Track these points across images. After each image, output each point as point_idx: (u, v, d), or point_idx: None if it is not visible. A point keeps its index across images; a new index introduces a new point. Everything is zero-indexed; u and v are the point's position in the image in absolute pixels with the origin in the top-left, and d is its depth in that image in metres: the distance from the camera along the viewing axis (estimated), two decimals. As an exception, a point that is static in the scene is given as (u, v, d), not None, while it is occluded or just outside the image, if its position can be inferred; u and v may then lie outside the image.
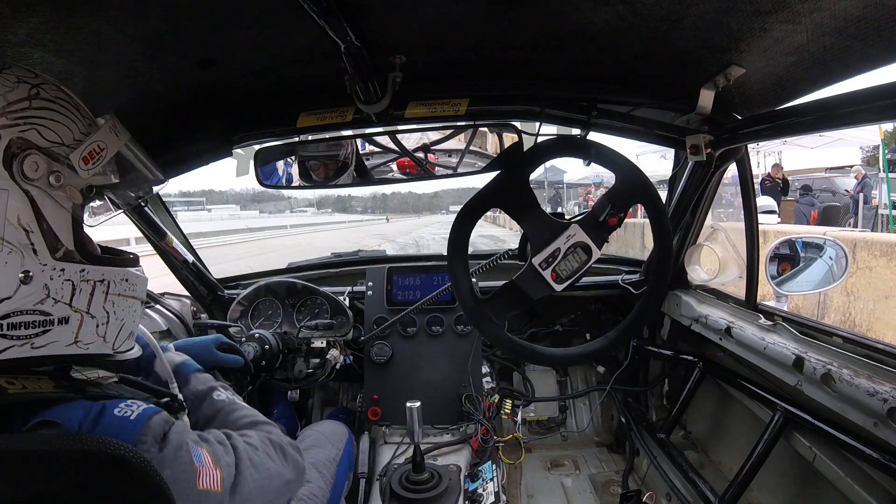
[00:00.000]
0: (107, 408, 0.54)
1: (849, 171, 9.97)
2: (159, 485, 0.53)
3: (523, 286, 1.05)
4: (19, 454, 0.45)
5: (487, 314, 1.06)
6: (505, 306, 1.07)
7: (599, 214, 1.04)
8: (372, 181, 1.38)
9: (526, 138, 1.26)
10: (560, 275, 1.04)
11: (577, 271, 1.04)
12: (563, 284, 1.05)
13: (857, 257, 4.11)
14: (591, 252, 1.04)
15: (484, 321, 1.07)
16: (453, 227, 1.08)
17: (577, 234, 1.03)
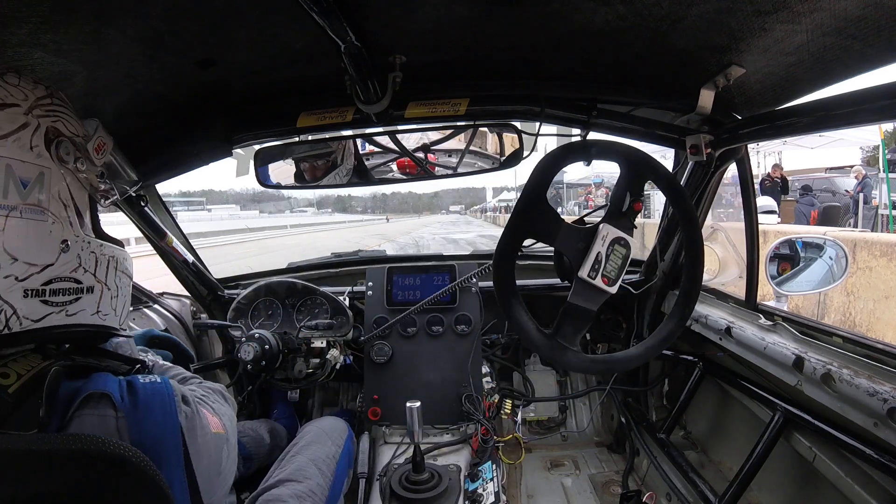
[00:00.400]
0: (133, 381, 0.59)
1: (849, 171, 9.97)
2: (158, 483, 0.53)
3: (580, 303, 1.02)
4: (19, 454, 0.45)
5: (562, 346, 1.03)
6: (573, 331, 1.04)
7: (621, 204, 1.03)
8: (372, 181, 1.39)
9: (526, 138, 1.26)
10: (610, 276, 1.02)
11: (623, 266, 1.03)
12: (616, 284, 1.02)
13: (857, 257, 4.11)
14: (628, 243, 1.03)
15: (562, 354, 1.03)
16: (496, 275, 1.02)
17: (609, 231, 1.01)
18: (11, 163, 0.51)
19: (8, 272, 0.51)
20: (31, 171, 0.53)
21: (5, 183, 0.50)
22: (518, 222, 0.98)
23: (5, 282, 0.51)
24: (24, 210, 0.52)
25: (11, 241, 0.51)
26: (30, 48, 0.72)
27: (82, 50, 0.76)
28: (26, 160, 0.53)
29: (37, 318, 0.54)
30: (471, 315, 1.73)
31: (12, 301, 0.52)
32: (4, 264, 0.51)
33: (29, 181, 0.53)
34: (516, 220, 0.98)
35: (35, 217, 0.53)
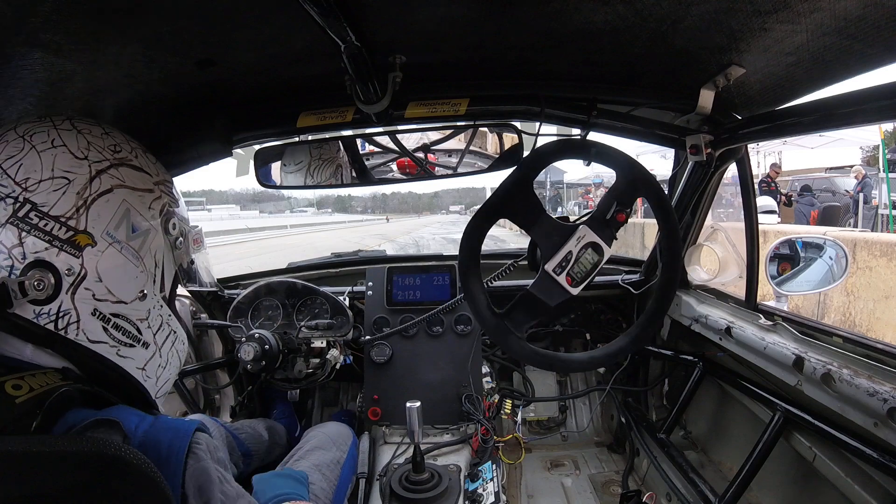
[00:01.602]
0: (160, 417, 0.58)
1: (849, 171, 9.98)
2: (159, 484, 0.53)
3: (539, 294, 1.03)
4: (18, 455, 0.45)
5: (508, 328, 1.04)
6: (524, 317, 1.05)
7: (606, 212, 1.04)
8: (372, 181, 1.39)
9: (526, 138, 1.26)
10: (575, 277, 1.03)
11: (591, 272, 1.04)
12: (579, 287, 1.03)
13: (857, 257, 4.11)
14: (603, 251, 1.04)
15: (505, 336, 1.05)
16: (462, 244, 1.04)
17: (586, 234, 1.02)
18: (131, 209, 0.61)
19: (89, 286, 0.56)
20: (142, 223, 0.62)
21: (120, 221, 0.59)
22: (499, 200, 0.99)
23: (84, 292, 0.56)
24: (125, 247, 0.59)
25: (105, 265, 0.57)
26: (30, 48, 0.72)
27: (82, 50, 0.76)
28: (142, 214, 0.62)
29: (92, 338, 0.57)
30: (471, 315, 1.73)
31: (81, 311, 0.56)
32: (90, 279, 0.56)
33: (138, 229, 0.61)
34: (498, 197, 0.99)
35: (130, 258, 0.60)
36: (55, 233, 0.53)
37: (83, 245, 0.55)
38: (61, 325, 0.55)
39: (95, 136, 0.61)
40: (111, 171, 0.59)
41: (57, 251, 0.54)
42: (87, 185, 0.56)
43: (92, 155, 0.58)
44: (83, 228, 0.55)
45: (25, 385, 0.51)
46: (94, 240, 0.56)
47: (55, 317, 0.54)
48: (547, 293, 1.03)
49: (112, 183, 0.59)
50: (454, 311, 1.74)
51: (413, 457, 1.27)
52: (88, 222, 0.56)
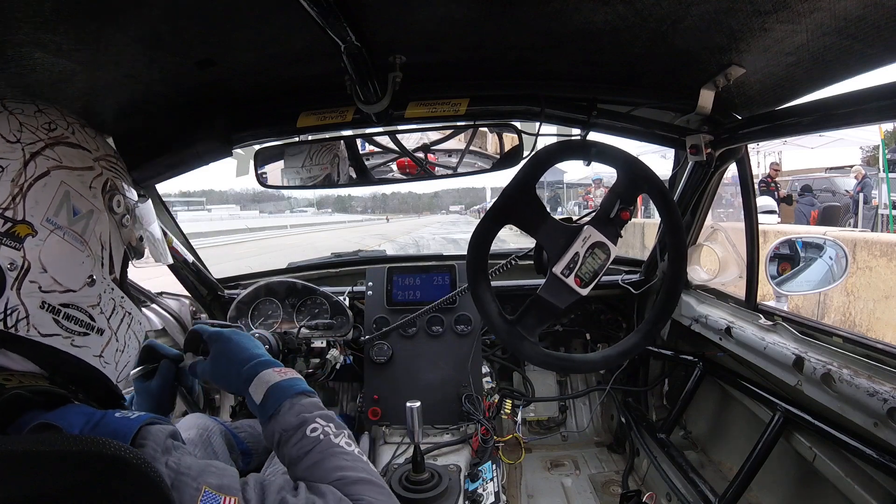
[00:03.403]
0: (108, 415, 0.55)
1: (849, 171, 9.98)
2: (158, 484, 0.53)
3: (549, 297, 1.03)
4: (17, 455, 0.45)
5: (521, 334, 1.04)
6: (536, 322, 1.05)
7: (610, 211, 1.04)
8: (372, 181, 1.38)
9: (526, 138, 1.26)
10: (583, 278, 1.02)
11: (599, 271, 1.03)
12: (588, 287, 1.03)
13: (857, 257, 4.11)
14: (609, 250, 1.03)
15: (519, 342, 1.04)
16: (470, 253, 1.03)
17: (592, 234, 1.02)
18: (70, 191, 0.57)
19: (34, 279, 0.54)
20: (84, 204, 0.59)
21: (60, 205, 0.56)
22: (503, 206, 0.99)
23: (29, 286, 0.54)
24: (67, 232, 0.57)
25: (48, 254, 0.55)
26: (30, 48, 0.72)
27: (82, 50, 0.76)
28: (83, 195, 0.59)
29: (44, 332, 0.56)
30: (471, 315, 1.73)
31: (28, 306, 0.54)
32: (34, 270, 0.54)
33: (80, 212, 0.58)
34: (502, 203, 0.99)
35: (74, 243, 0.58)
36: None
37: (23, 236, 0.52)
38: (10, 322, 0.53)
39: (28, 115, 0.57)
40: (46, 151, 0.56)
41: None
42: (21, 171, 0.53)
43: (25, 137, 0.55)
44: (21, 218, 0.52)
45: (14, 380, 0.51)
46: (34, 229, 0.53)
47: (3, 315, 0.52)
48: (557, 296, 1.03)
49: (48, 165, 0.55)
50: (454, 311, 1.74)
51: (413, 457, 1.27)
52: (27, 211, 0.53)
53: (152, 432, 0.53)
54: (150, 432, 0.54)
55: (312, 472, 0.65)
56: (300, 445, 0.68)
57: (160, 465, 0.51)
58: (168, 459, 0.52)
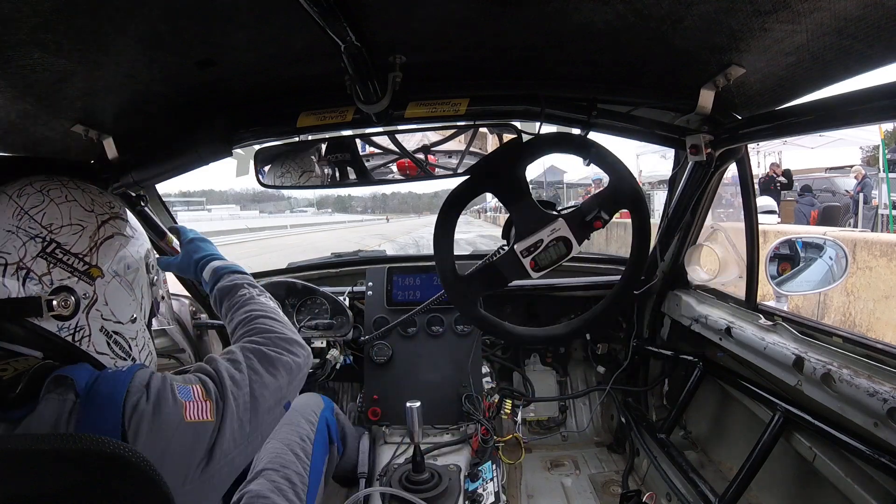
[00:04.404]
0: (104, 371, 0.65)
1: (849, 171, 9.97)
2: (158, 483, 0.53)
3: (502, 268, 1.10)
4: (16, 454, 0.45)
5: (464, 290, 1.13)
6: (481, 285, 1.13)
7: (587, 214, 1.08)
8: (372, 181, 1.38)
9: (526, 138, 1.26)
10: (539, 264, 1.09)
11: (554, 262, 1.10)
12: (539, 273, 1.09)
13: (857, 257, 4.11)
14: (571, 247, 1.09)
15: (460, 297, 1.13)
16: (442, 208, 1.11)
17: (561, 228, 1.07)
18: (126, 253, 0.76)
19: (99, 308, 0.70)
20: (133, 263, 0.77)
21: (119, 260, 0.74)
22: (485, 171, 1.05)
23: (94, 313, 0.69)
24: (122, 280, 0.74)
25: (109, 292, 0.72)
26: (30, 48, 0.72)
27: (82, 50, 0.76)
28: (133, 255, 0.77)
29: (99, 350, 0.70)
30: None
31: (92, 327, 0.69)
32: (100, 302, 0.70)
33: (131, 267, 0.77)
34: (484, 167, 1.08)
35: (126, 289, 0.75)
36: (75, 266, 0.67)
37: (95, 276, 0.70)
38: (77, 337, 0.67)
39: (95, 194, 0.75)
40: (111, 221, 0.75)
41: (77, 279, 0.67)
42: (96, 231, 0.71)
43: (97, 209, 0.74)
44: (95, 263, 0.70)
45: (10, 368, 0.60)
46: (102, 273, 0.71)
47: (73, 330, 0.67)
48: (509, 269, 1.10)
49: (113, 231, 0.74)
50: (454, 311, 1.74)
51: (413, 457, 1.27)
52: (99, 259, 0.70)
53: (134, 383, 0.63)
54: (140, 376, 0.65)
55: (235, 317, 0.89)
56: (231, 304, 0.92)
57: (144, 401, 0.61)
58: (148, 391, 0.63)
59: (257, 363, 0.77)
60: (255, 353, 0.78)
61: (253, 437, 0.72)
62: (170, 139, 1.21)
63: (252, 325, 0.85)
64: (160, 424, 0.60)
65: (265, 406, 0.74)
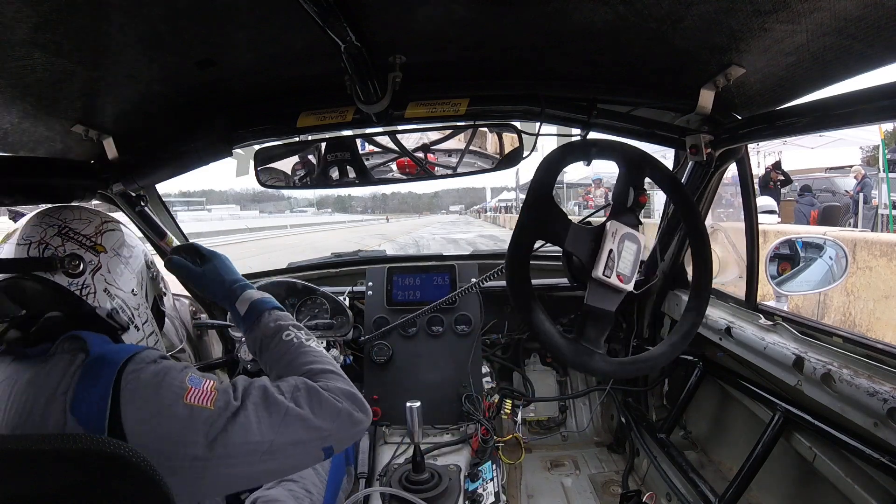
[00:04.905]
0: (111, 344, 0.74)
1: (849, 171, 9.97)
2: (158, 483, 0.53)
3: (598, 304, 0.99)
4: (16, 454, 0.45)
5: (589, 349, 0.99)
6: (596, 333, 1.00)
7: (626, 200, 1.01)
8: (372, 181, 1.38)
9: (526, 138, 1.26)
10: (625, 274, 0.99)
11: (636, 262, 1.00)
12: (631, 283, 0.99)
13: (857, 257, 4.11)
14: (637, 238, 1.01)
15: (590, 359, 0.99)
16: (511, 283, 0.97)
17: (618, 228, 0.99)
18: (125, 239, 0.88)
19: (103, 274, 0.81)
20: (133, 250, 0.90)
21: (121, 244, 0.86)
22: (528, 224, 0.94)
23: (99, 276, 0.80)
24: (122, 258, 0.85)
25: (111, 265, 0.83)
26: (30, 48, 0.72)
27: (82, 50, 0.76)
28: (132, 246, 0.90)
29: (101, 307, 0.79)
30: (471, 315, 1.73)
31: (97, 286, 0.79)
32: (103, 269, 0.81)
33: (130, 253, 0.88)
34: (526, 222, 0.94)
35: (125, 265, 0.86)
36: (84, 242, 0.80)
37: (100, 251, 0.82)
38: (84, 293, 0.77)
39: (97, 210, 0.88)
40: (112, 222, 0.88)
41: (85, 250, 0.79)
42: (100, 224, 0.84)
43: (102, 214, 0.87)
44: (100, 242, 0.82)
45: None
46: (106, 249, 0.83)
47: (80, 286, 0.77)
48: (604, 299, 0.99)
49: (115, 226, 0.87)
50: (454, 311, 1.74)
51: (413, 457, 1.27)
52: (103, 240, 0.83)
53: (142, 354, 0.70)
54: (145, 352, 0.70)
55: (287, 368, 0.82)
56: (278, 348, 0.85)
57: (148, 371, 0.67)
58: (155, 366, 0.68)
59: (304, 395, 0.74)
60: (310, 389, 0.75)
61: (267, 458, 0.69)
62: (170, 139, 1.21)
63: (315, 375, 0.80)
64: (157, 396, 0.64)
65: (293, 436, 0.70)
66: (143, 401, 0.63)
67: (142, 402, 0.63)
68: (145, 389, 0.64)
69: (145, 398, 0.63)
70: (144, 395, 0.63)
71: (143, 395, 0.63)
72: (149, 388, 0.64)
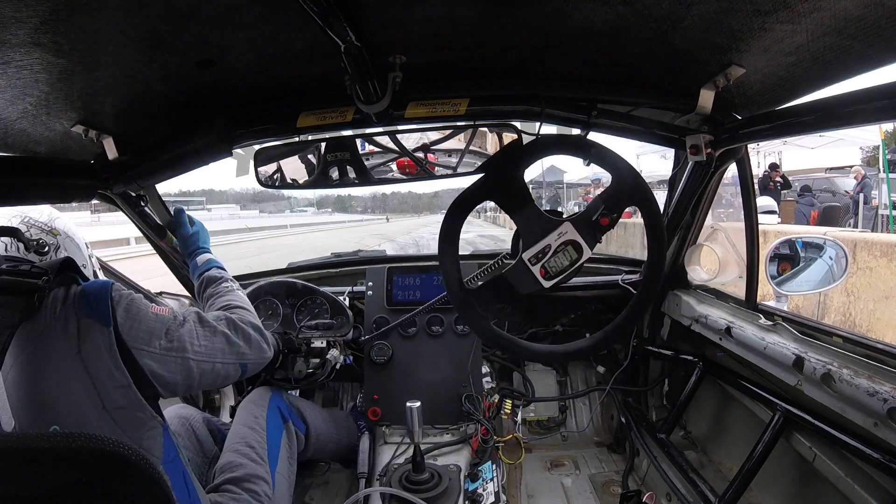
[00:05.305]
0: None
1: (849, 172, 9.97)
2: (158, 482, 0.53)
3: (512, 280, 1.06)
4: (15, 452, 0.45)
5: (472, 304, 1.08)
6: (491, 298, 1.08)
7: (592, 214, 1.04)
8: (372, 181, 1.38)
9: (526, 138, 1.26)
10: (549, 271, 1.04)
11: (566, 269, 1.04)
12: (552, 281, 1.04)
13: (857, 257, 4.10)
14: (583, 251, 1.04)
15: (469, 310, 1.09)
16: (445, 219, 1.08)
17: (568, 231, 1.03)
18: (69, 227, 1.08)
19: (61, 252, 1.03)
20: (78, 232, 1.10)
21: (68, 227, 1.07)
22: (484, 182, 1.01)
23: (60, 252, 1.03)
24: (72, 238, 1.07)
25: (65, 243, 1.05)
26: (30, 48, 0.72)
27: (82, 50, 0.76)
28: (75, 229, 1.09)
29: None
30: None
31: None
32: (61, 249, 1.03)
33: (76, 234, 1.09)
34: (484, 179, 1.01)
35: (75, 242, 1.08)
36: (42, 227, 1.01)
37: (56, 234, 1.03)
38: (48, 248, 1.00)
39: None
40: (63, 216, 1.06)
41: (46, 234, 1.01)
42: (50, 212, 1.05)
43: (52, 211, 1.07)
44: (54, 227, 1.03)
45: None
46: (60, 233, 1.04)
47: None
48: (519, 280, 1.05)
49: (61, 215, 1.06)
50: (454, 311, 1.74)
51: (413, 457, 1.27)
52: (55, 226, 1.03)
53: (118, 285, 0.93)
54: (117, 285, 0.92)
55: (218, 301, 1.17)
56: (217, 290, 1.23)
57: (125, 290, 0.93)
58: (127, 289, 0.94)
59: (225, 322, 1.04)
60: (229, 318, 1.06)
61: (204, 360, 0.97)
62: (170, 139, 1.21)
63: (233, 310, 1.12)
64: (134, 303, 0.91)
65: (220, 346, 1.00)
66: (126, 305, 0.89)
67: (127, 305, 0.89)
68: (126, 299, 0.90)
69: (128, 305, 0.89)
70: (127, 303, 0.89)
71: (126, 303, 0.89)
72: (128, 298, 0.91)
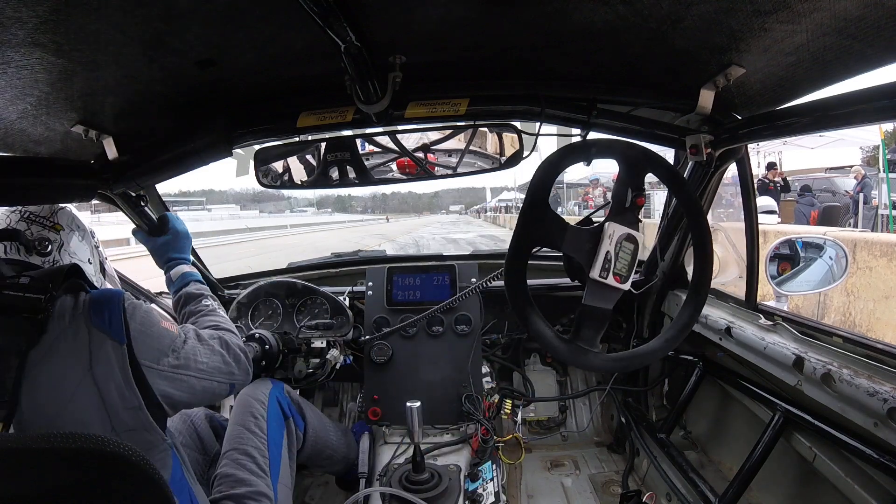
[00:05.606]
0: None
1: (849, 172, 9.97)
2: (158, 482, 0.53)
3: (595, 303, 1.02)
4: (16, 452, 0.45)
5: (583, 349, 1.02)
6: (593, 332, 1.03)
7: (624, 200, 1.02)
8: (372, 181, 1.38)
9: (526, 138, 1.26)
10: (621, 273, 1.01)
11: (633, 262, 1.02)
12: (628, 282, 1.01)
13: (857, 257, 4.10)
14: (636, 238, 1.01)
15: (584, 357, 1.02)
16: (508, 286, 1.00)
17: (616, 229, 1.00)
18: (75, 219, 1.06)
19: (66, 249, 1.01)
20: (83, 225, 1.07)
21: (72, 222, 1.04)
22: (524, 230, 0.96)
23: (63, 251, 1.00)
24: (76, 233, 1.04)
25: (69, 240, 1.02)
26: (30, 48, 0.72)
27: (82, 50, 0.76)
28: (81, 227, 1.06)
29: None
30: (471, 315, 1.73)
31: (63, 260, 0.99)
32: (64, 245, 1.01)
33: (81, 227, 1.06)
34: (522, 228, 0.96)
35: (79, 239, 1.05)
36: (44, 223, 0.98)
37: (58, 230, 1.00)
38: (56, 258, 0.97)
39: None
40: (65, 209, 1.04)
41: (48, 231, 0.98)
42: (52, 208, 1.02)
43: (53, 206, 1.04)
44: (57, 222, 1.00)
45: None
46: (63, 227, 1.01)
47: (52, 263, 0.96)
48: (601, 299, 1.02)
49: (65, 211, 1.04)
50: (454, 311, 1.74)
51: (413, 457, 1.27)
52: (58, 220, 1.01)
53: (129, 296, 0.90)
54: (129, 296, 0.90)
55: (201, 321, 1.13)
56: (197, 308, 1.17)
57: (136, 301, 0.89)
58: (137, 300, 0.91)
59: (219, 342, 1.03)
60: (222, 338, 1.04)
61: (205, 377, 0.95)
62: (170, 139, 1.21)
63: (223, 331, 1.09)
64: (149, 319, 0.89)
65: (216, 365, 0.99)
66: (141, 320, 0.86)
67: (142, 319, 0.86)
68: (140, 312, 0.87)
69: (142, 319, 0.87)
70: (141, 316, 0.87)
71: (140, 317, 0.87)
72: (142, 311, 0.88)
